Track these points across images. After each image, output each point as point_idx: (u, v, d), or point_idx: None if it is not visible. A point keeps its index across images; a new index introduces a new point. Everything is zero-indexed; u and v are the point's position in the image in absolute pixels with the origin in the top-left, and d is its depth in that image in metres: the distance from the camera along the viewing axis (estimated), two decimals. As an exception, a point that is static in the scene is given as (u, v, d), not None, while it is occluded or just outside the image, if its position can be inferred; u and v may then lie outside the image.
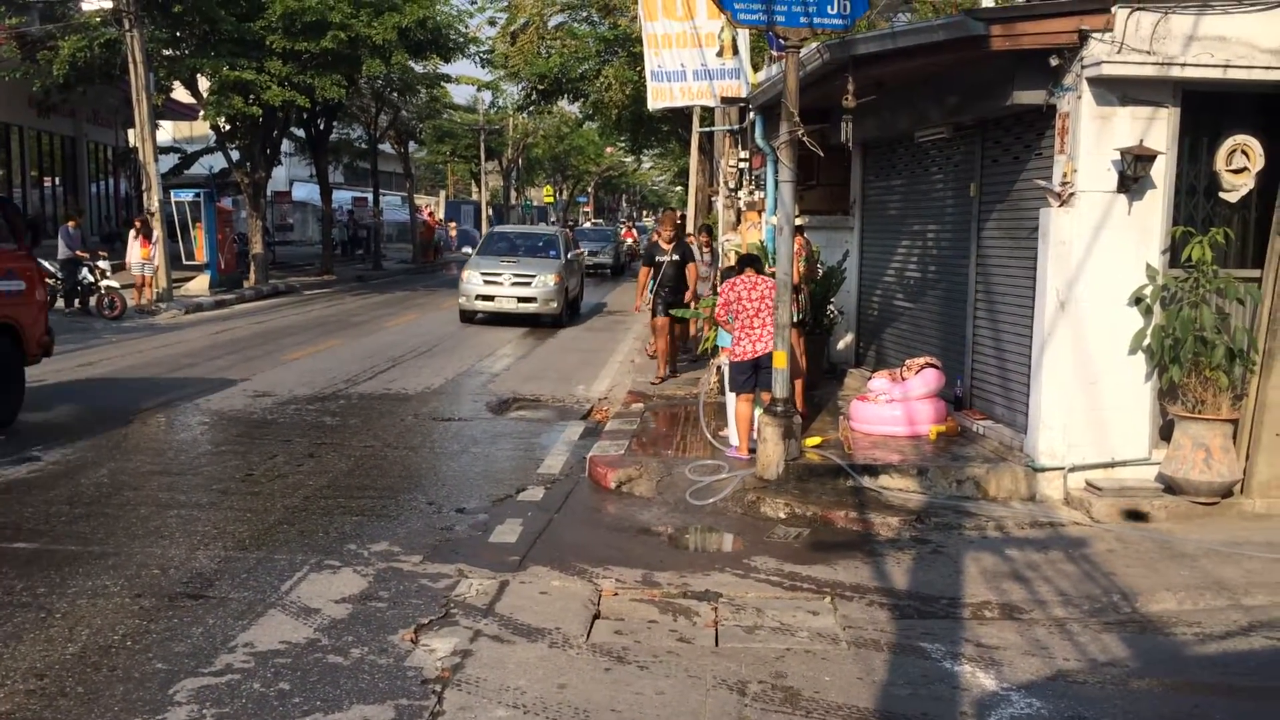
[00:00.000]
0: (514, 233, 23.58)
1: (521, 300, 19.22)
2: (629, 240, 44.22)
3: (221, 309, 22.07)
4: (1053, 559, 6.70)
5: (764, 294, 8.57)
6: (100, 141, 32.44)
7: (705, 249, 14.66)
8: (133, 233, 21.26)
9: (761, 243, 11.91)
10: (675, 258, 12.84)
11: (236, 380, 12.87)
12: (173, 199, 24.26)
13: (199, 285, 24.02)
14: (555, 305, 19.30)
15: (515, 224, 51.83)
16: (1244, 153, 7.67)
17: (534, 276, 19.36)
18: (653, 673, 5.01)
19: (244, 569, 6.24)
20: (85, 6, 21.91)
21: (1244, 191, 7.76)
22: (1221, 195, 7.83)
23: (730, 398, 9.06)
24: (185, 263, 24.74)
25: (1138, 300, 7.78)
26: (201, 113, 25.72)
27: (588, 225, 54.94)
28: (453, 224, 49.34)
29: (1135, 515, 7.48)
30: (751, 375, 8.56)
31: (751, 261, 9.03)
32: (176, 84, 25.85)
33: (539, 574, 6.33)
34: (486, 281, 19.45)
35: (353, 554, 6.59)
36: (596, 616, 5.68)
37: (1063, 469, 7.88)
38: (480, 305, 19.43)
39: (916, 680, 5.03)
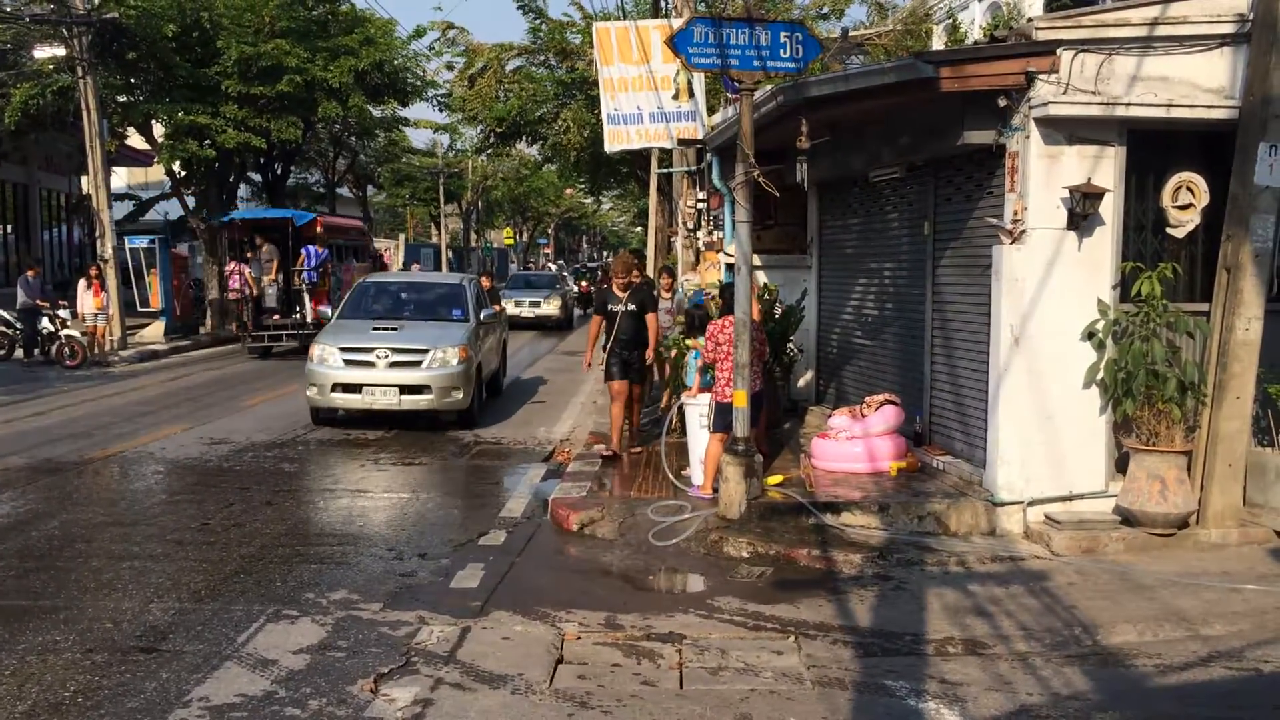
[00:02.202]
0: (398, 284, 15.85)
1: (407, 390, 12.35)
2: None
3: (177, 355, 21.81)
4: (1014, 593, 6.73)
5: (754, 336, 8.53)
6: (53, 188, 32.10)
7: (666, 292, 14.01)
8: (84, 282, 20.91)
9: (720, 282, 11.99)
10: (631, 307, 10.73)
11: (192, 427, 12.69)
12: (127, 245, 24.04)
13: (154, 332, 23.74)
14: (460, 395, 12.54)
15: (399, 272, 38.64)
16: (1189, 189, 7.85)
17: (426, 352, 12.48)
18: (617, 717, 4.96)
19: (199, 621, 6.12)
20: (38, 54, 21.73)
21: (1190, 227, 7.93)
22: (1169, 231, 7.99)
23: (698, 437, 9.03)
24: (140, 309, 24.45)
25: (1090, 335, 7.89)
26: (156, 158, 25.58)
27: (553, 267, 53.45)
28: (416, 265, 48.35)
29: (1094, 548, 7.54)
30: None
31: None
32: (130, 130, 25.71)
33: (501, 619, 6.26)
34: (351, 362, 12.45)
35: (311, 603, 6.48)
36: (560, 661, 5.62)
37: (1022, 503, 7.94)
38: (340, 400, 12.48)
39: (882, 718, 5.02)
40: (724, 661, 5.65)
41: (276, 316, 22.17)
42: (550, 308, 30.06)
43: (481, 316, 13.99)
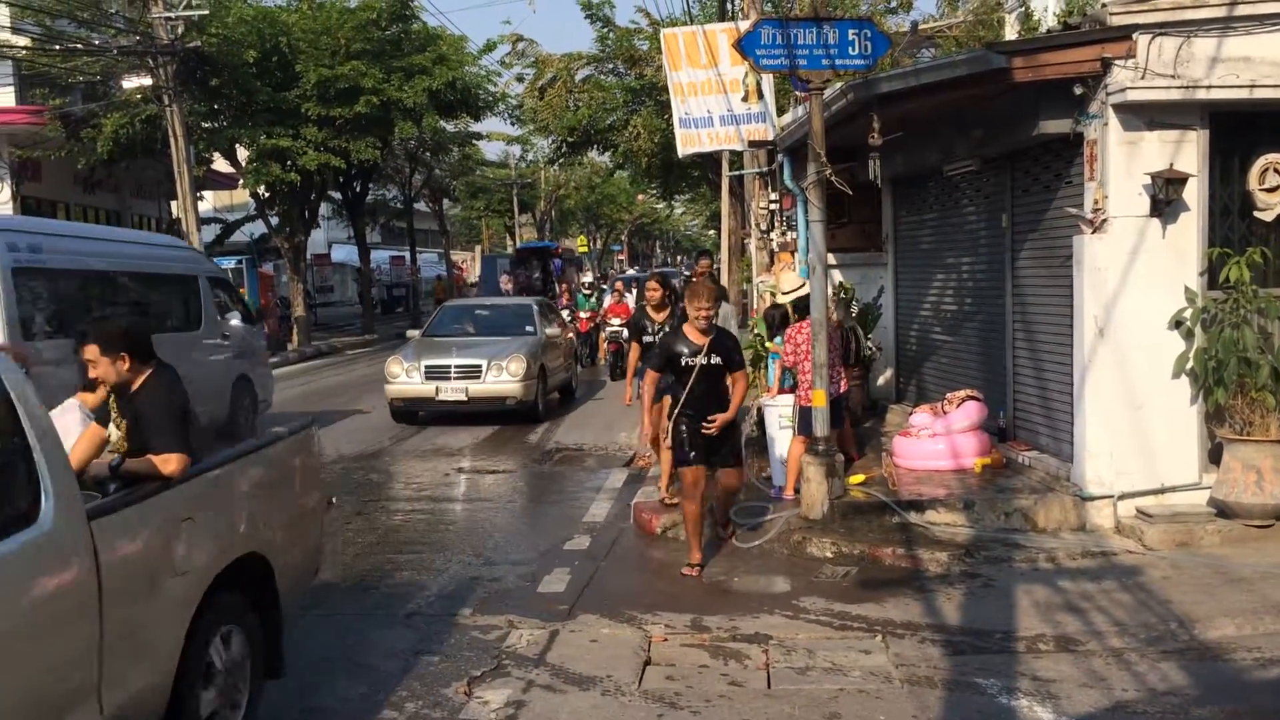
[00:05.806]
0: None
1: None
2: (615, 320, 19.38)
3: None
4: (1106, 588, 6.62)
5: (830, 336, 8.52)
6: (144, 214, 33.13)
7: (657, 311, 9.70)
8: None
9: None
10: (715, 360, 7.31)
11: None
12: (216, 267, 24.73)
13: (244, 350, 24.36)
14: None
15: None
16: (1276, 171, 7.64)
17: None
18: (705, 717, 5.01)
19: (297, 629, 6.29)
20: (126, 84, 22.50)
21: (1279, 210, 7.72)
22: (1256, 214, 7.78)
23: (780, 437, 9.01)
24: (230, 328, 25.10)
25: (1178, 323, 7.72)
26: (241, 181, 26.33)
27: (628, 273, 45.57)
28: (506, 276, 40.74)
29: (1188, 541, 7.38)
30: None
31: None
32: (216, 155, 26.49)
33: (588, 622, 6.35)
34: None
35: (404, 609, 6.64)
36: (647, 663, 5.68)
37: (1112, 497, 7.80)
38: None
39: (972, 716, 4.99)
40: (811, 661, 5.66)
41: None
42: (504, 379, 14.03)
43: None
